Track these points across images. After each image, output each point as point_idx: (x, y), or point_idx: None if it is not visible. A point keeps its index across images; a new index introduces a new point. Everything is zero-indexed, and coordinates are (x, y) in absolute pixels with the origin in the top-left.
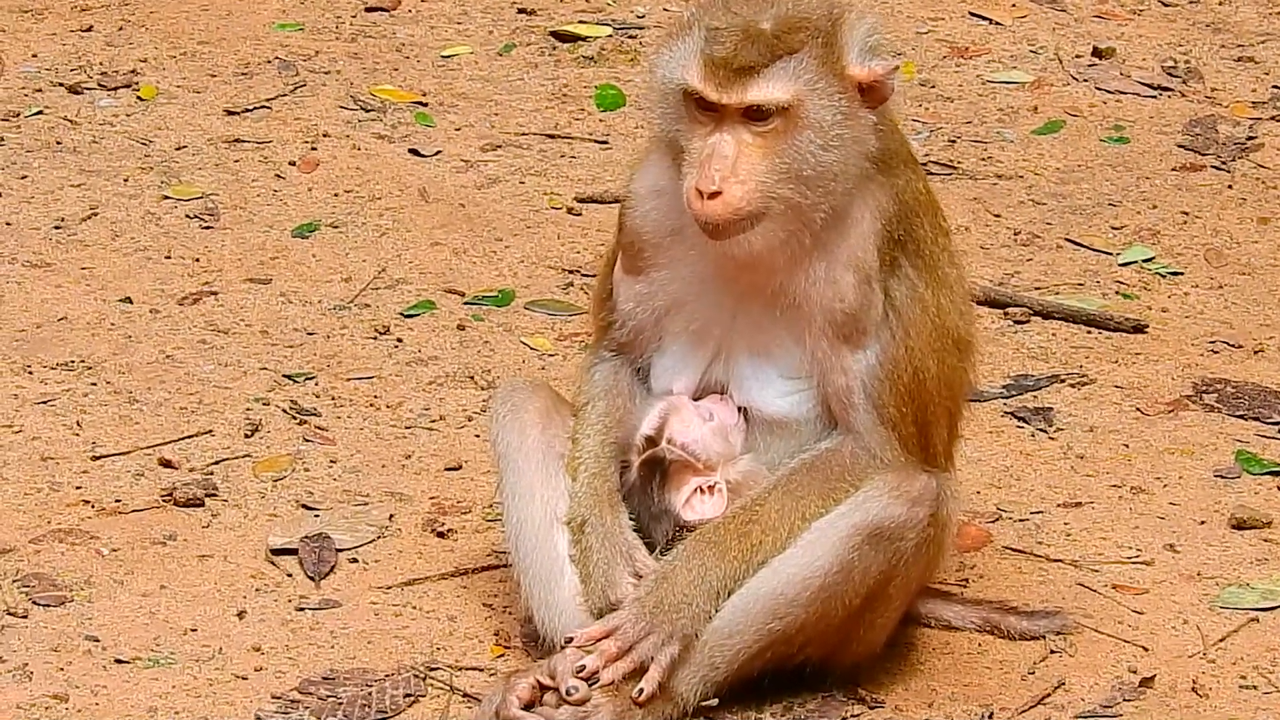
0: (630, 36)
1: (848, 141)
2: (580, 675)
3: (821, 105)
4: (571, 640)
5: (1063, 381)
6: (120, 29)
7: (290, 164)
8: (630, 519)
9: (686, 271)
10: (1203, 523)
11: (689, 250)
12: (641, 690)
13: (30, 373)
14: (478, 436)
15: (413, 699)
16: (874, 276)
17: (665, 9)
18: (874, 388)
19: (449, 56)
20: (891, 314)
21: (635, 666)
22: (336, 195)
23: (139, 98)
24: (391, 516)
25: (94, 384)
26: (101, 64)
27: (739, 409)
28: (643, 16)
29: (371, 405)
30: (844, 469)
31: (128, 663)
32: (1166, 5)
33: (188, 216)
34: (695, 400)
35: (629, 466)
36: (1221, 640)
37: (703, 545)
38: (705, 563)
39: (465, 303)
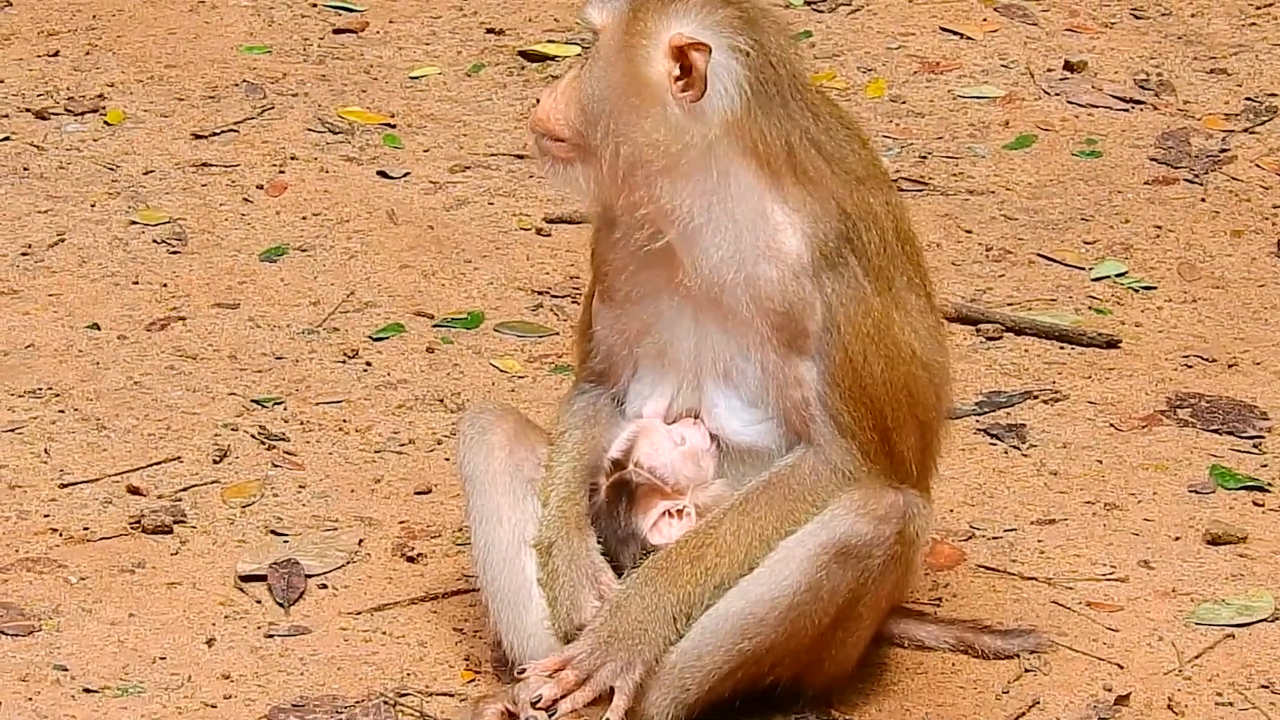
0: None
1: (640, 97)
2: (538, 706)
3: (618, 42)
4: (526, 671)
5: (1036, 398)
6: (87, 53)
7: (258, 187)
8: (599, 542)
9: (653, 296)
10: (1177, 539)
11: (655, 275)
12: (609, 719)
13: None
14: (447, 460)
15: None
16: (804, 274)
17: None
18: (826, 394)
19: (417, 78)
20: (828, 315)
21: (594, 696)
22: (304, 218)
23: (106, 122)
24: (361, 541)
25: (62, 411)
26: (68, 89)
27: (711, 435)
28: None
29: (340, 429)
30: (803, 487)
31: (96, 692)
32: (1138, 18)
33: (155, 241)
34: (669, 424)
35: (597, 489)
36: (1197, 657)
37: (655, 572)
38: (658, 589)
39: (434, 325)
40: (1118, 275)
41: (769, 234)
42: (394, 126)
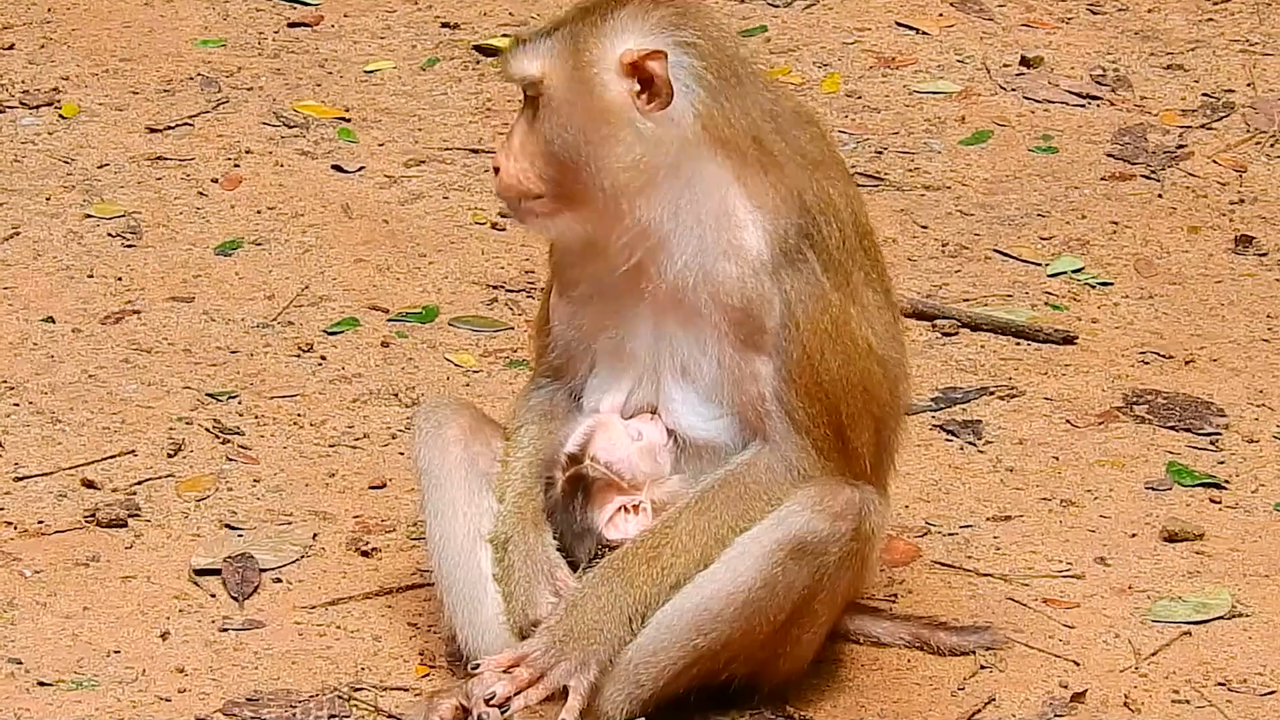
0: None
1: (608, 125)
2: (491, 703)
3: (567, 83)
4: (479, 666)
5: (992, 394)
6: (42, 47)
7: (213, 181)
8: (555, 538)
9: (612, 294)
10: (1134, 535)
11: (609, 269)
12: (564, 719)
13: None
14: (402, 454)
15: (337, 719)
16: (764, 270)
17: None
18: (781, 390)
19: (372, 72)
20: (786, 312)
21: (548, 694)
22: (259, 212)
23: (61, 116)
24: (315, 536)
25: (16, 404)
26: (23, 82)
27: (668, 430)
28: None
29: (295, 424)
30: (759, 484)
31: (51, 685)
32: (1095, 14)
33: (110, 235)
34: (626, 419)
35: (553, 483)
36: (1154, 654)
37: (611, 571)
38: (614, 589)
39: (389, 320)
40: (1074, 271)
41: (731, 231)
42: (349, 121)
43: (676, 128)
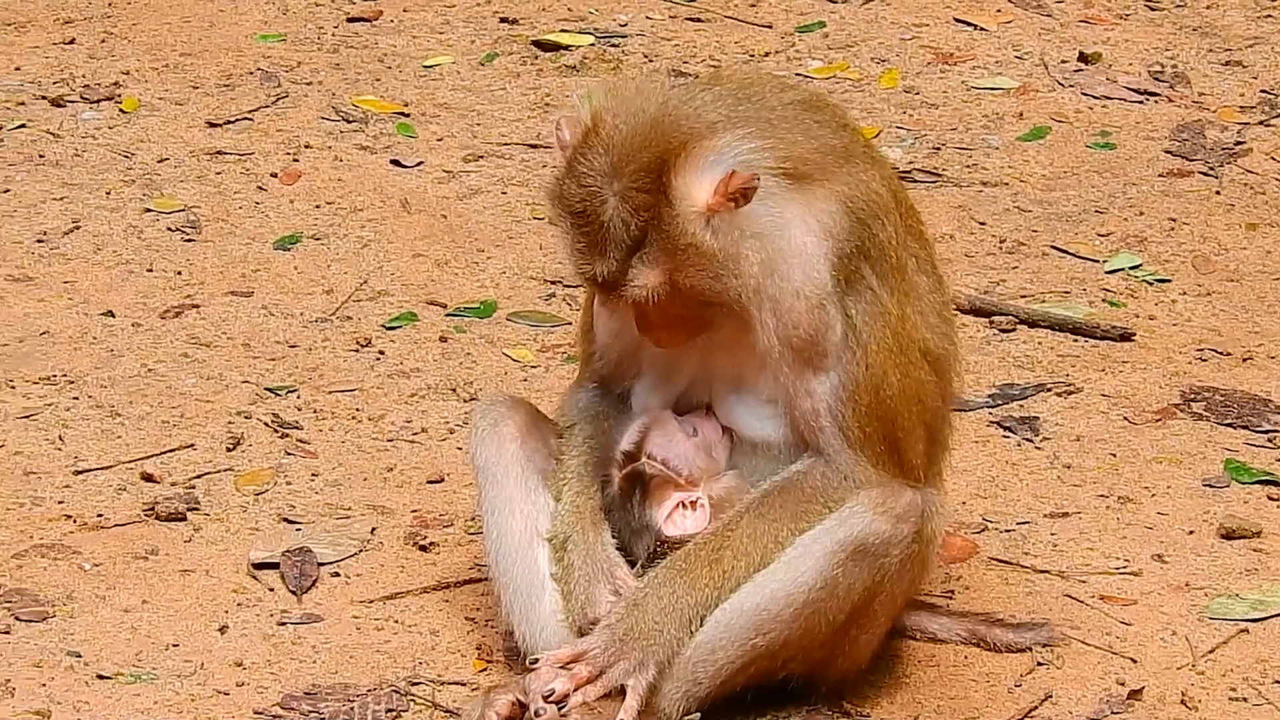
0: (613, 45)
1: (729, 253)
2: (549, 699)
3: (688, 260)
4: (538, 662)
5: (1049, 390)
6: (103, 41)
7: (272, 176)
8: (613, 536)
9: None
10: (1191, 532)
11: None
12: (621, 718)
13: (12, 387)
14: (460, 449)
15: (394, 714)
16: (829, 299)
17: (648, 17)
18: (837, 409)
19: (431, 66)
20: (851, 334)
21: (606, 691)
22: (318, 207)
23: (121, 110)
24: (373, 530)
25: (76, 398)
26: (84, 76)
27: (724, 427)
28: (625, 25)
29: (353, 418)
30: (815, 491)
31: (110, 678)
32: (1153, 10)
33: (170, 229)
34: (680, 416)
35: (610, 481)
36: (1211, 651)
37: (674, 573)
38: (676, 590)
39: (447, 314)
40: (1132, 268)
41: (794, 263)
42: (408, 115)
43: (768, 194)
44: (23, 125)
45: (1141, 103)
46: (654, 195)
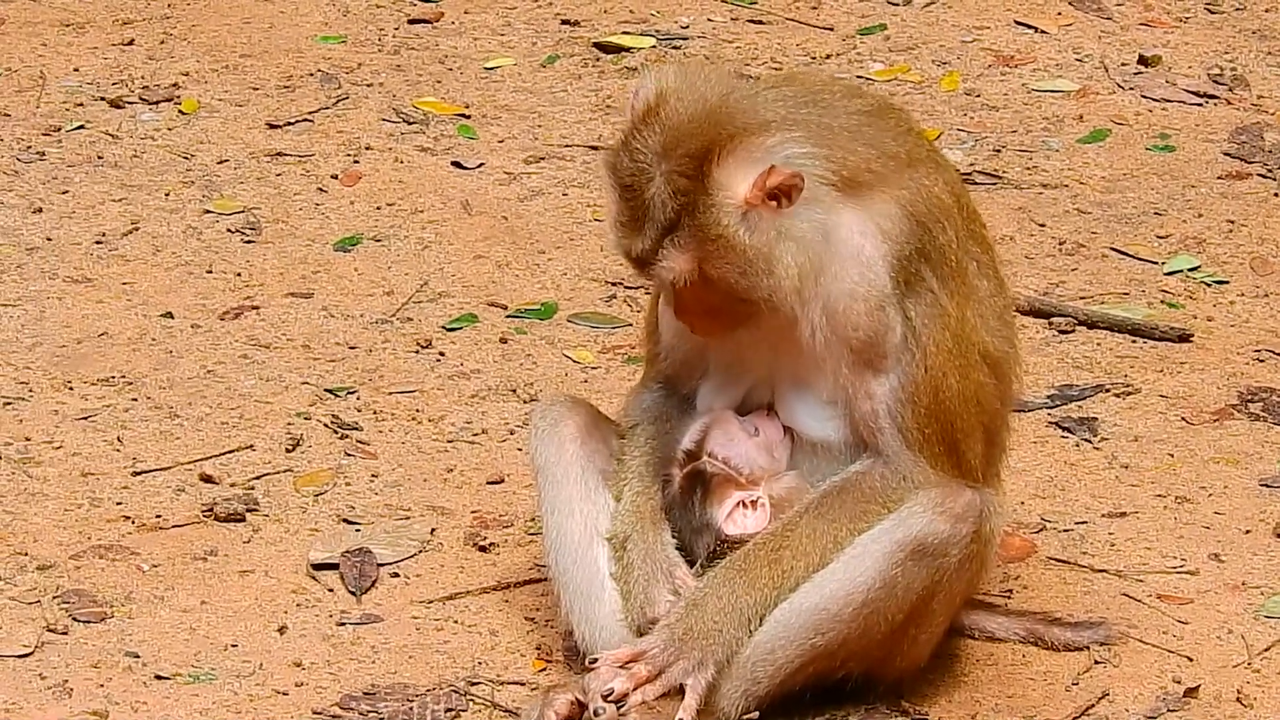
0: (674, 47)
1: (765, 253)
2: (609, 698)
3: (718, 251)
4: (597, 661)
5: (1107, 391)
6: (162, 42)
7: (332, 177)
8: (673, 535)
9: None
10: (1248, 532)
11: None
12: (681, 718)
13: (71, 388)
14: (520, 450)
15: (454, 714)
16: (889, 301)
17: (709, 19)
18: (897, 411)
19: (492, 68)
20: (911, 336)
21: (665, 691)
22: (379, 208)
23: (180, 111)
24: (433, 530)
25: (135, 399)
26: (143, 78)
27: (785, 427)
28: (686, 27)
29: (413, 419)
30: (874, 491)
31: (168, 679)
32: (1212, 13)
33: (229, 231)
34: (742, 416)
35: (670, 480)
36: (1267, 650)
37: (734, 572)
38: (736, 590)
39: (508, 316)
40: (1190, 269)
41: (855, 268)
42: (468, 117)
43: (815, 201)
44: (81, 126)
45: (1201, 105)
46: (694, 181)
